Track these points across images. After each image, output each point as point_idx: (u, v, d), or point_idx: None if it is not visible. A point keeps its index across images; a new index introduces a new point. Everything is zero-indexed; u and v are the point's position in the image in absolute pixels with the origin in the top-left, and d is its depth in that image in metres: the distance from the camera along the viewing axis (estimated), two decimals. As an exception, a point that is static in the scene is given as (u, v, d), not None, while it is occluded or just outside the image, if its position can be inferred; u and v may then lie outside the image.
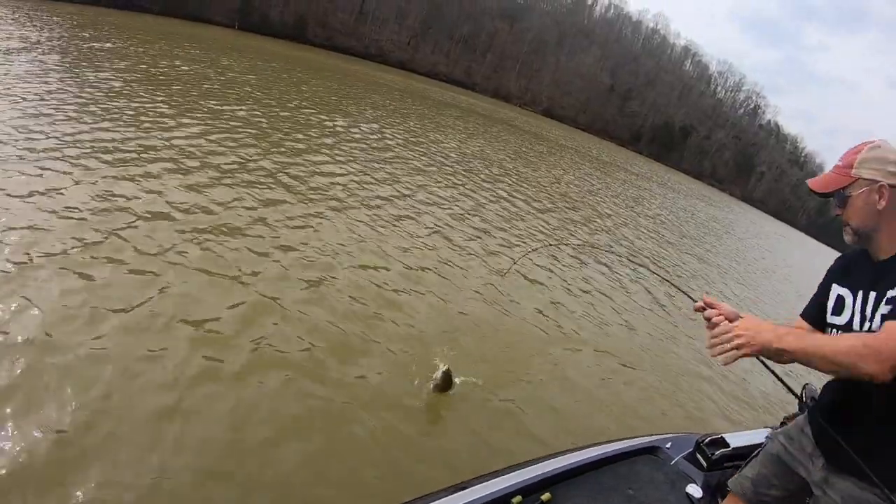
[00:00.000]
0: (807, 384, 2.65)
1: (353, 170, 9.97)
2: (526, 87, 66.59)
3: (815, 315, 2.10)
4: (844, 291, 2.03)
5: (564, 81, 72.12)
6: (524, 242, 9.57)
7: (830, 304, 2.07)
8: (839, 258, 2.20)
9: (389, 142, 14.18)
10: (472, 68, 60.33)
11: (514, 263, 7.54)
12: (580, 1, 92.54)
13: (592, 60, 78.86)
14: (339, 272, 5.84)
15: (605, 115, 78.81)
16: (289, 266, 5.61)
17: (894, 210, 1.88)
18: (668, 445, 3.44)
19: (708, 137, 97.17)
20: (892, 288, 1.83)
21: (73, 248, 4.69)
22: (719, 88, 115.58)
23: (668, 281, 3.06)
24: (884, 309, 1.84)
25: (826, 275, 2.20)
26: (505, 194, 12.84)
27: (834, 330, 2.01)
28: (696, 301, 2.02)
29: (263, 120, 11.85)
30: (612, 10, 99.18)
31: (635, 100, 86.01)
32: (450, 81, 53.14)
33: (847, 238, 2.04)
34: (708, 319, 1.94)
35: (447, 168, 13.28)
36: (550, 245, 10.17)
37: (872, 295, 1.91)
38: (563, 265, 9.15)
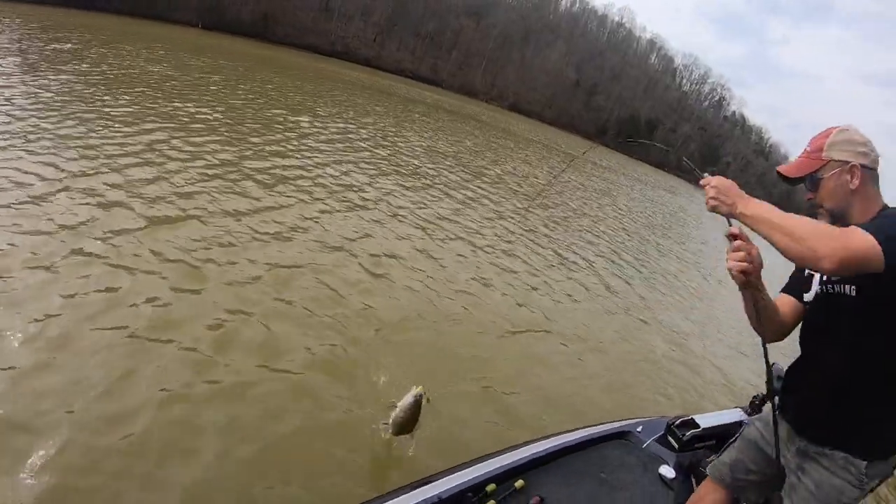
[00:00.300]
0: (774, 363, 2.70)
1: (317, 169, 9.95)
2: (492, 82, 66.95)
3: (797, 294, 2.20)
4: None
5: (530, 77, 72.64)
6: (496, 236, 9.67)
7: (803, 282, 2.18)
8: None
9: (355, 138, 14.29)
10: (438, 65, 60.48)
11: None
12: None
13: (558, 55, 79.51)
14: (305, 273, 5.75)
15: (571, 109, 79.45)
16: (256, 262, 5.55)
17: (865, 189, 1.95)
18: (638, 429, 3.53)
19: (674, 130, 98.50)
20: None
21: (29, 253, 4.60)
22: (685, 81, 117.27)
23: (639, 269, 3.31)
24: None
25: None
26: (471, 192, 12.85)
27: (806, 306, 2.15)
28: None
29: (228, 120, 11.90)
30: (577, 5, 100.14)
31: (601, 94, 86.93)
32: (416, 78, 52.96)
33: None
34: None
35: (413, 165, 13.53)
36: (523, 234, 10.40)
37: None
38: (533, 257, 9.27)
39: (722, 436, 3.24)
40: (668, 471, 3.24)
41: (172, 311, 4.37)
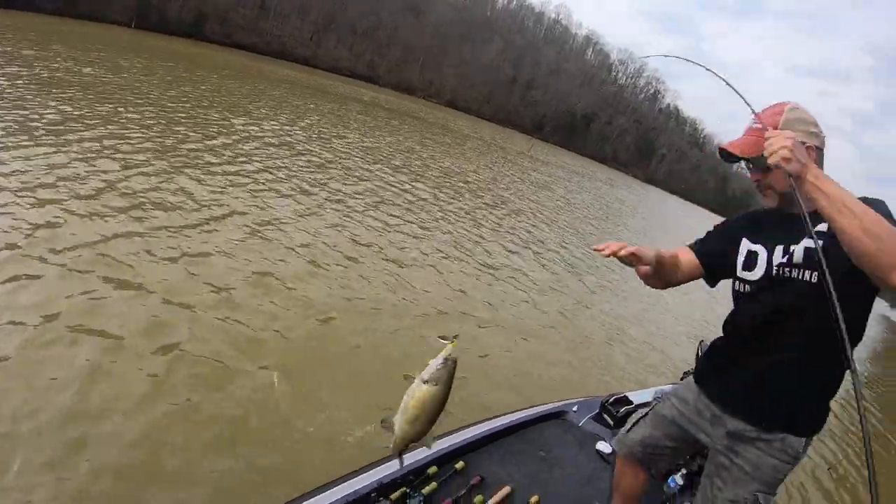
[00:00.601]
0: (702, 340, 2.88)
1: (256, 173, 9.89)
2: (429, 79, 67.39)
3: (714, 259, 2.14)
4: (758, 248, 2.04)
5: (468, 73, 73.38)
6: (435, 233, 9.94)
7: (741, 258, 2.08)
8: (745, 215, 2.23)
9: (292, 140, 14.29)
10: (375, 62, 60.63)
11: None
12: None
13: (495, 52, 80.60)
14: (238, 278, 5.73)
15: (508, 105, 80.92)
16: (186, 269, 5.56)
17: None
18: (574, 409, 3.63)
19: (610, 123, 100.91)
20: (820, 225, 1.82)
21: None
22: (620, 76, 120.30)
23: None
24: (808, 244, 1.86)
25: (730, 228, 2.21)
26: (410, 187, 13.19)
27: (745, 285, 2.05)
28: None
29: (160, 123, 11.83)
30: (514, 2, 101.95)
31: (538, 89, 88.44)
32: (353, 76, 52.77)
33: (769, 201, 2.01)
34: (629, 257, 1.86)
35: (351, 165, 13.63)
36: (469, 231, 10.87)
37: (793, 247, 1.92)
38: (469, 251, 9.57)
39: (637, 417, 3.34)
40: (604, 447, 3.35)
41: (100, 310, 4.46)
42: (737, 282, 2.09)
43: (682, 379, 3.06)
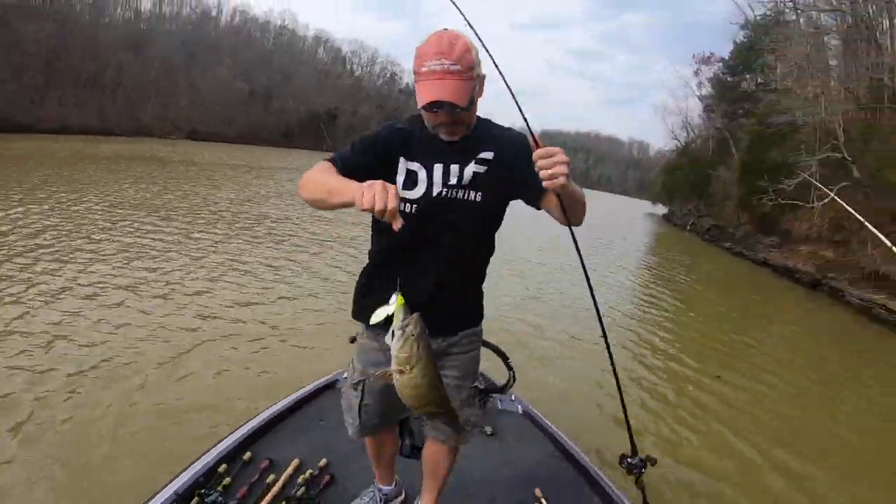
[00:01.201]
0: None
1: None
2: (165, 115, 66.52)
3: (368, 177, 1.78)
4: (415, 166, 2.14)
5: (203, 99, 73.60)
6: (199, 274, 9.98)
7: (400, 178, 2.14)
8: (396, 131, 2.19)
9: (26, 222, 12.34)
10: (105, 110, 58.73)
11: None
12: (204, 15, 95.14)
13: (226, 71, 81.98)
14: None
15: (252, 121, 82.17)
16: None
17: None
18: (344, 376, 3.44)
19: (354, 114, 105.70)
20: (482, 152, 2.14)
21: None
22: (356, 67, 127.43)
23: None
24: (476, 169, 2.14)
25: (382, 145, 2.15)
26: (165, 229, 13.35)
27: (406, 204, 2.10)
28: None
29: None
30: (237, 17, 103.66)
31: (278, 98, 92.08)
32: (84, 132, 50.96)
33: (452, 135, 2.10)
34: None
35: (100, 227, 12.77)
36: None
37: (455, 167, 2.13)
38: (243, 275, 10.30)
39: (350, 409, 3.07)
40: None
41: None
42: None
43: (352, 342, 2.64)
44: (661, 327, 12.30)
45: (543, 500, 3.21)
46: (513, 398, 4.31)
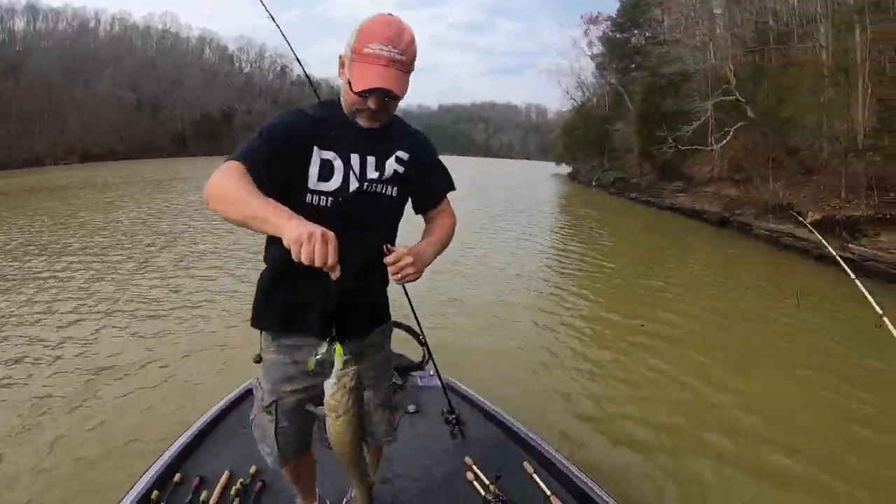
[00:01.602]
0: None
1: None
2: (55, 140, 63.36)
3: (272, 170, 1.84)
4: (330, 155, 1.99)
5: (91, 116, 70.49)
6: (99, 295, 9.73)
7: (314, 169, 1.98)
8: (304, 116, 2.05)
9: None
10: None
11: None
12: (82, 27, 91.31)
13: (109, 83, 78.60)
14: None
15: (142, 133, 79.01)
16: None
17: None
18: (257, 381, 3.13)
19: (249, 112, 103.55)
20: (399, 150, 2.10)
21: None
22: (244, 63, 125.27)
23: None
24: (397, 167, 2.08)
25: (292, 134, 1.96)
26: (62, 264, 12.13)
27: (322, 197, 1.99)
28: None
29: None
30: (116, 26, 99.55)
31: (166, 106, 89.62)
32: None
33: (372, 123, 2.01)
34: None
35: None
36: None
37: (371, 159, 2.04)
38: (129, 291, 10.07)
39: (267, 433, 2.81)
40: None
41: None
42: (311, 194, 1.96)
43: (258, 361, 2.37)
44: (581, 284, 12.36)
45: (475, 467, 3.23)
46: (431, 373, 4.28)
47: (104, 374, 6.40)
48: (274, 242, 2.08)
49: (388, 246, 1.88)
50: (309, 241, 1.47)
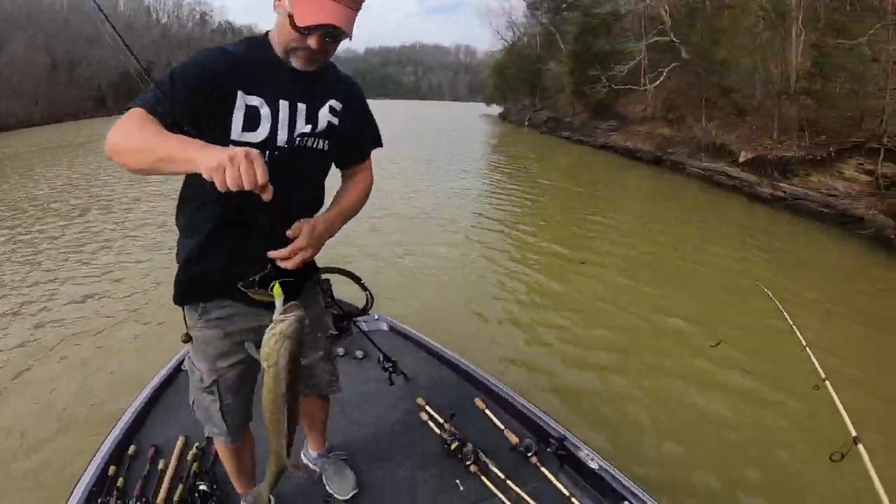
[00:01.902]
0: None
1: None
2: None
3: (187, 119, 1.60)
4: (256, 101, 1.78)
5: (4, 83, 66.66)
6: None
7: (238, 116, 1.76)
8: (226, 54, 1.83)
9: None
10: None
11: None
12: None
13: (25, 46, 75.68)
14: None
15: (59, 95, 76.23)
16: None
17: None
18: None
19: (169, 64, 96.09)
20: (332, 98, 1.94)
21: None
22: (161, 14, 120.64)
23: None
24: (331, 118, 1.94)
25: (213, 76, 1.74)
26: None
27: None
28: None
29: None
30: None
31: (82, 64, 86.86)
32: None
33: (309, 65, 1.82)
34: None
35: None
36: None
37: (302, 106, 1.85)
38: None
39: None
40: None
41: None
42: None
43: (188, 341, 2.13)
44: (519, 225, 12.31)
45: (428, 407, 3.30)
46: (376, 317, 4.29)
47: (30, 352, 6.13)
48: (187, 200, 1.97)
49: (299, 223, 1.79)
50: (232, 164, 1.30)
